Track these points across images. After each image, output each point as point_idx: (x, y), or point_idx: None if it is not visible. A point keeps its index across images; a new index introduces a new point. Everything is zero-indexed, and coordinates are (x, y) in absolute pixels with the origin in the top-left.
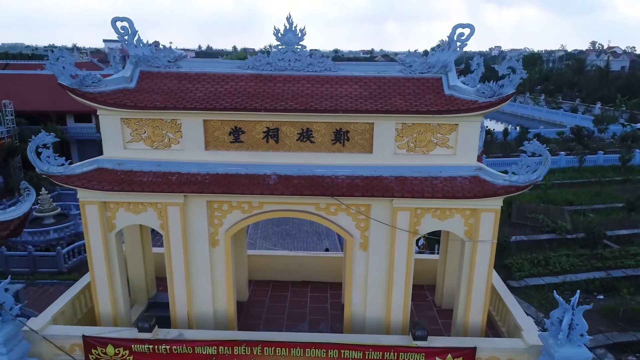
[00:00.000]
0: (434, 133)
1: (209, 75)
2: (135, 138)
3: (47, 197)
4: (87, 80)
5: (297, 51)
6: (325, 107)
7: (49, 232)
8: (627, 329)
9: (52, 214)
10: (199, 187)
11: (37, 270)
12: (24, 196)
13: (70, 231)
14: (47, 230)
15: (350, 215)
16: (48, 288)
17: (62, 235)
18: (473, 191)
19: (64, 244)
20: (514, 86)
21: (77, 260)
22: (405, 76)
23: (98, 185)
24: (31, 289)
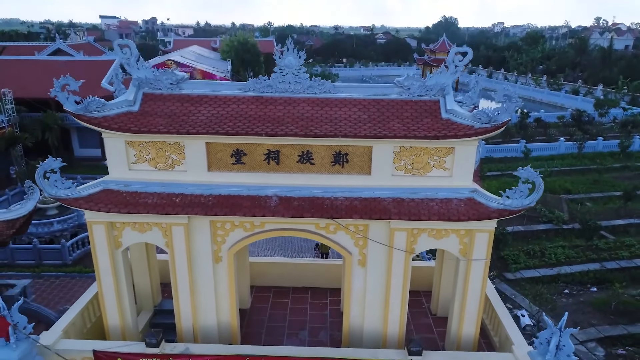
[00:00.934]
0: (431, 155)
1: (211, 98)
2: (139, 159)
3: None
4: (92, 106)
5: (297, 74)
6: (325, 131)
7: (53, 224)
8: (618, 322)
9: (55, 205)
10: (202, 209)
11: (42, 263)
12: (28, 194)
13: (74, 222)
14: (50, 222)
15: (349, 234)
16: (54, 280)
17: (66, 227)
18: (468, 214)
19: (68, 236)
20: (510, 114)
21: (82, 252)
22: (403, 99)
23: (105, 208)
24: (37, 282)
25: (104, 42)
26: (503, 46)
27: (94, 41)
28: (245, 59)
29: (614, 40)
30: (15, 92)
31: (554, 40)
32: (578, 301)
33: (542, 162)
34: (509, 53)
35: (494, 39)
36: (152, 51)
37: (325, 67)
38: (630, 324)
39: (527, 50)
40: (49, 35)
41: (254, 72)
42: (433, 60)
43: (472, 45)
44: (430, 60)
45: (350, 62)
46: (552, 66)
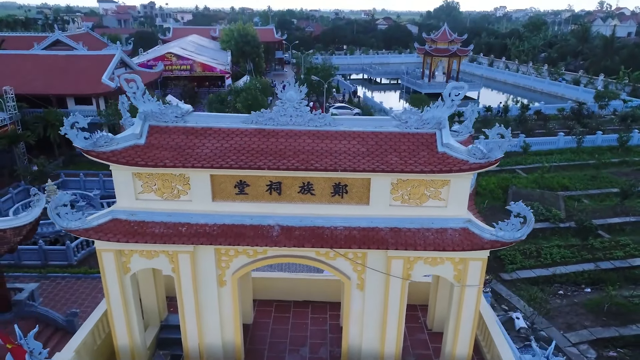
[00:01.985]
0: (427, 187)
1: (215, 130)
2: (146, 190)
3: (54, 188)
4: (100, 141)
5: (298, 107)
6: (325, 165)
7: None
8: (610, 324)
9: None
10: (207, 239)
11: (48, 263)
12: (34, 202)
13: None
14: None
15: (348, 260)
16: (60, 281)
17: None
18: (462, 244)
19: (72, 235)
20: (503, 151)
21: (86, 252)
22: (401, 131)
23: (114, 238)
24: (44, 282)
25: (103, 28)
26: (505, 33)
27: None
28: (245, 51)
29: (617, 27)
30: (16, 88)
31: (556, 26)
32: (572, 302)
33: (541, 156)
34: (510, 40)
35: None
36: (151, 39)
37: (326, 56)
38: (621, 325)
39: (529, 37)
40: (47, 21)
41: (253, 64)
42: (434, 50)
43: (474, 31)
44: (431, 50)
45: (351, 49)
46: (553, 54)
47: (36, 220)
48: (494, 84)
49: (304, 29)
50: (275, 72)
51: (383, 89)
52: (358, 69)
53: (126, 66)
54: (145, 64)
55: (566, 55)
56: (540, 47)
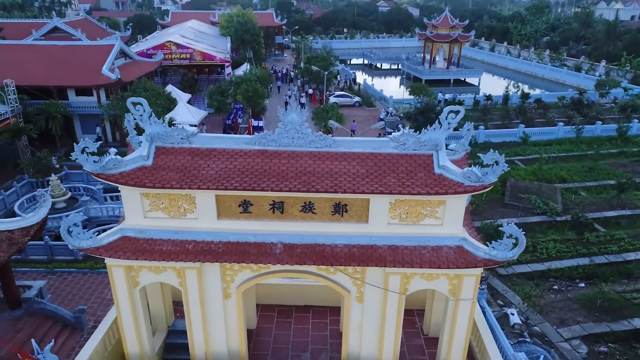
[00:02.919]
0: (424, 206)
1: (219, 151)
2: (154, 208)
3: (58, 182)
4: (109, 164)
5: (299, 129)
6: (326, 187)
7: (62, 218)
8: (602, 320)
9: (64, 198)
10: (213, 257)
11: (54, 258)
12: (40, 202)
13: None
14: (59, 216)
15: (348, 275)
16: (67, 277)
17: None
18: (456, 262)
19: None
20: (497, 176)
21: None
22: (399, 153)
23: (124, 255)
24: (51, 278)
25: (100, 11)
26: (507, 16)
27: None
28: (244, 39)
29: (620, 10)
30: (16, 80)
31: (559, 7)
32: (566, 297)
33: (540, 147)
34: (512, 24)
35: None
36: (149, 24)
37: (326, 40)
38: (613, 321)
39: (531, 20)
40: (44, 4)
41: (253, 52)
42: (435, 36)
43: (476, 13)
44: (432, 35)
45: (351, 33)
46: (555, 38)
47: (43, 220)
48: (495, 69)
49: (303, 11)
50: (275, 58)
51: (383, 74)
52: (358, 54)
53: (126, 56)
54: (145, 53)
55: (568, 40)
56: (543, 31)
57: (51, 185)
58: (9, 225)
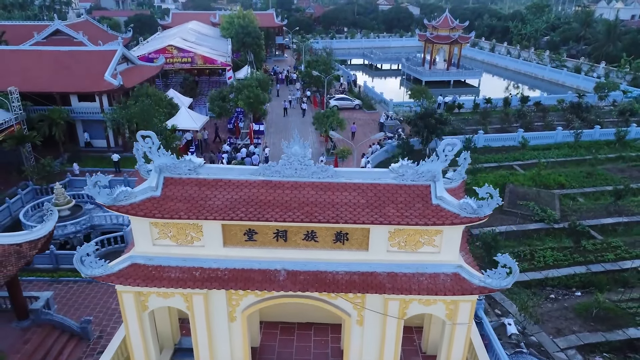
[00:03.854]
0: (422, 235)
1: (225, 182)
2: (162, 236)
3: (62, 190)
4: (120, 197)
5: (302, 161)
6: (328, 218)
7: (67, 226)
8: (597, 329)
9: (68, 206)
10: (219, 284)
11: (60, 267)
12: (47, 215)
13: (86, 223)
14: (64, 224)
15: (348, 300)
16: (72, 285)
17: (79, 229)
18: (453, 290)
19: (81, 237)
20: (491, 209)
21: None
22: (398, 183)
23: (134, 282)
24: (56, 287)
25: (101, 10)
26: (507, 15)
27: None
28: (245, 42)
29: (620, 10)
30: (19, 86)
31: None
32: (562, 306)
33: (539, 151)
34: (513, 23)
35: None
36: (150, 23)
37: (327, 40)
38: (608, 330)
39: (531, 20)
40: (44, 2)
41: (254, 54)
42: (435, 37)
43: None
44: (432, 37)
45: (351, 32)
46: (556, 38)
47: (50, 233)
48: (495, 70)
49: (304, 10)
50: (275, 58)
51: (383, 75)
52: (359, 54)
53: (128, 61)
54: (147, 57)
55: (569, 40)
56: (543, 31)
57: (55, 193)
58: (17, 238)
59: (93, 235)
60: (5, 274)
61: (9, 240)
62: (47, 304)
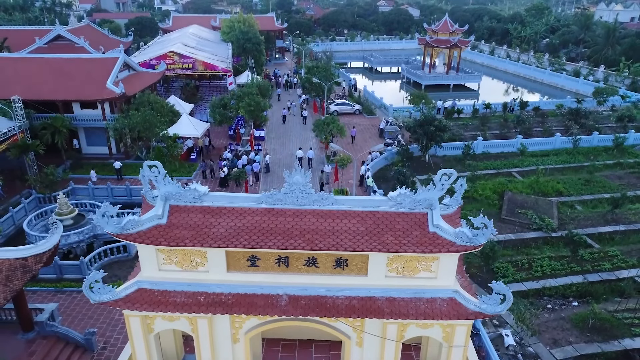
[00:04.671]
0: (419, 261)
1: (229, 210)
2: (168, 262)
3: (65, 200)
4: (127, 225)
5: (304, 189)
6: (328, 246)
7: (70, 236)
8: (593, 340)
9: (71, 216)
10: (223, 309)
11: (63, 277)
12: (52, 229)
13: (89, 233)
14: (67, 234)
15: (348, 323)
16: (76, 296)
17: (82, 238)
18: (449, 314)
19: (84, 246)
20: (486, 239)
21: (99, 265)
22: (396, 211)
23: (140, 307)
24: (60, 297)
25: (101, 13)
26: (507, 17)
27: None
28: (246, 48)
29: (619, 12)
30: (22, 93)
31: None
32: (559, 317)
33: (537, 158)
34: (512, 25)
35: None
36: (150, 26)
37: (327, 42)
38: (604, 341)
39: (531, 22)
40: (44, 5)
41: (255, 60)
42: (434, 41)
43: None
44: (432, 41)
45: (352, 34)
46: (555, 40)
47: (55, 246)
48: (494, 73)
49: (304, 11)
50: (275, 61)
51: (383, 78)
52: (359, 57)
53: (129, 68)
54: (148, 64)
55: (568, 43)
56: (542, 33)
57: (59, 203)
58: (22, 252)
59: (96, 245)
60: (12, 289)
61: (15, 254)
62: (52, 316)
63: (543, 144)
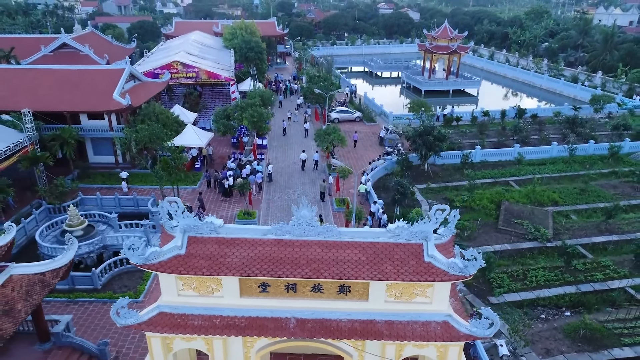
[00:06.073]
0: (415, 287)
1: (242, 240)
2: (186, 287)
3: (76, 211)
4: (151, 257)
5: (310, 222)
6: (332, 274)
7: (80, 247)
8: (584, 350)
9: (81, 227)
10: (237, 331)
11: (75, 288)
12: (68, 245)
13: (99, 244)
14: (78, 246)
15: (350, 343)
16: (88, 306)
17: (92, 249)
18: (442, 337)
19: (94, 257)
20: (475, 269)
21: (109, 275)
22: (394, 242)
23: (162, 330)
24: (73, 307)
25: (103, 16)
26: (506, 20)
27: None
28: (248, 57)
29: (618, 16)
30: (30, 105)
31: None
32: (552, 327)
33: (534, 166)
34: (512, 29)
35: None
36: (152, 31)
37: (327, 47)
38: (594, 351)
39: (530, 26)
40: (47, 9)
41: (257, 68)
42: (434, 47)
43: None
44: (432, 47)
45: (352, 38)
46: (554, 45)
47: (71, 261)
48: (494, 77)
49: (304, 14)
50: (277, 66)
51: (383, 82)
52: (359, 62)
53: (135, 78)
54: (152, 73)
55: (567, 47)
56: (542, 37)
57: (69, 215)
58: (41, 268)
59: (105, 255)
60: (32, 303)
61: (34, 269)
62: (67, 327)
63: (540, 152)
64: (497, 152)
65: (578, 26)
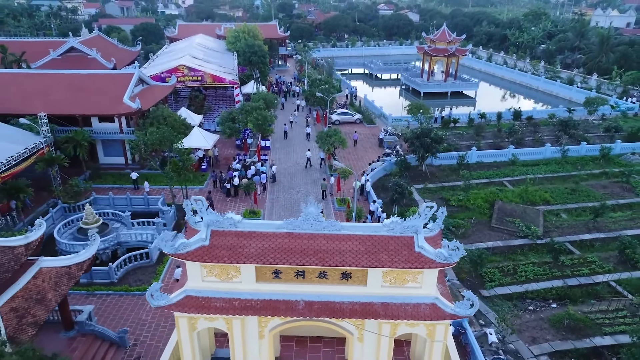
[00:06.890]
0: (407, 274)
1: (258, 233)
2: (209, 274)
3: (91, 210)
4: (180, 247)
5: (316, 218)
6: (336, 263)
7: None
8: (568, 338)
9: (97, 224)
10: (254, 312)
11: (93, 281)
12: (91, 240)
13: (114, 241)
14: None
15: (351, 322)
16: (105, 298)
17: (107, 246)
18: (431, 316)
19: (109, 253)
20: (458, 258)
21: (125, 270)
22: (389, 235)
23: (189, 310)
24: (92, 299)
25: (106, 18)
26: (505, 22)
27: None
28: (252, 61)
29: (615, 18)
30: (43, 109)
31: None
32: (539, 317)
33: (528, 167)
34: (510, 31)
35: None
36: (155, 33)
37: (327, 49)
38: (577, 339)
39: (528, 28)
40: (51, 11)
41: (260, 72)
42: (433, 50)
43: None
44: (430, 50)
45: (352, 39)
46: (552, 46)
47: (93, 256)
48: (492, 79)
49: (305, 16)
50: (278, 68)
51: (383, 84)
52: (359, 63)
53: (143, 82)
54: (159, 77)
55: (564, 49)
56: (540, 39)
57: (85, 213)
58: (67, 261)
59: (120, 252)
60: (60, 293)
61: (61, 262)
62: (90, 317)
63: (534, 154)
64: (492, 154)
65: (575, 28)
